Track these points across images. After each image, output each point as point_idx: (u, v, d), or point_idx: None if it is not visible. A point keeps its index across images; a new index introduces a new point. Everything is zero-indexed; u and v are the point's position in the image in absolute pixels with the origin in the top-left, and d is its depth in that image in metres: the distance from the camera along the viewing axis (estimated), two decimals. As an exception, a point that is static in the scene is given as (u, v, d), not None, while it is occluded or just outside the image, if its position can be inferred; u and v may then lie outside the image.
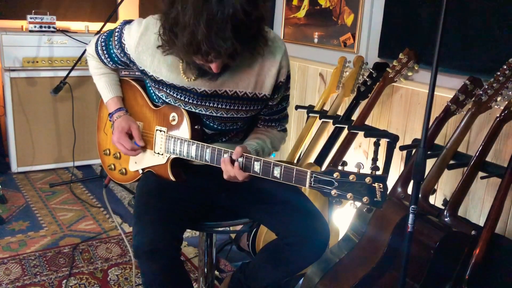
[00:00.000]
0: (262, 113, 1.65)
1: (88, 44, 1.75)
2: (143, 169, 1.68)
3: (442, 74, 2.11)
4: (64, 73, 3.25)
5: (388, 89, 2.39)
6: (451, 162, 1.87)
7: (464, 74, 1.95)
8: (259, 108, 1.60)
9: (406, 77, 2.28)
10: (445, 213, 1.74)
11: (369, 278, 1.72)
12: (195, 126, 1.56)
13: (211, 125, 1.61)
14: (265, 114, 1.65)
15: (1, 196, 3.05)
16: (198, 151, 1.51)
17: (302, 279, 1.98)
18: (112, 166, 1.80)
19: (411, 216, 1.36)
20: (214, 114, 1.56)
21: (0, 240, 2.59)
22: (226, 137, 1.67)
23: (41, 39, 3.31)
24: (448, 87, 2.10)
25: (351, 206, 1.30)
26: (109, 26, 2.05)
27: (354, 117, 2.36)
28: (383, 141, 2.29)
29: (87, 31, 3.57)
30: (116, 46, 1.61)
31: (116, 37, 1.60)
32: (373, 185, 1.23)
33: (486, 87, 1.80)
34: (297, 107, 2.73)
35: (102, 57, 1.69)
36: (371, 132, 2.26)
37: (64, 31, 3.41)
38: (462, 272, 1.60)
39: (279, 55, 1.52)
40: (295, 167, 1.33)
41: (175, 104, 1.57)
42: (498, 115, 1.75)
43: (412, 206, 1.35)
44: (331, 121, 2.43)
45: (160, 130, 1.62)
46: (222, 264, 2.47)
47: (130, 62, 1.60)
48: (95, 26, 3.64)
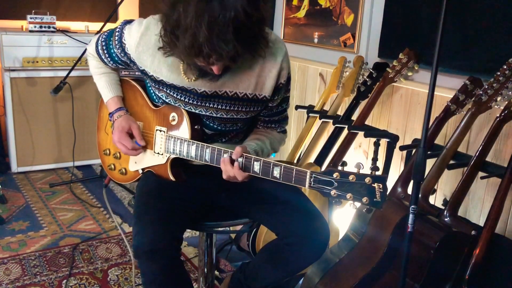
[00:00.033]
0: (262, 114, 1.65)
1: (89, 44, 1.75)
2: (143, 169, 1.69)
3: (442, 74, 2.11)
4: (64, 73, 3.25)
5: (388, 89, 2.39)
6: (451, 162, 1.87)
7: (464, 74, 1.95)
8: (259, 109, 1.60)
9: (406, 77, 2.28)
10: (445, 213, 1.74)
11: (369, 278, 1.71)
12: (195, 126, 1.56)
13: (211, 126, 1.61)
14: (265, 115, 1.65)
15: (1, 196, 3.05)
16: (198, 151, 1.51)
17: (302, 279, 1.98)
18: (112, 166, 1.80)
19: (411, 216, 1.36)
20: (214, 115, 1.56)
21: (0, 240, 2.59)
22: (226, 138, 1.67)
23: (41, 39, 3.31)
24: (448, 87, 2.10)
25: (351, 206, 1.30)
26: (109, 26, 2.04)
27: (354, 117, 2.36)
28: (383, 141, 2.29)
29: (87, 31, 3.57)
30: (117, 46, 1.61)
31: (117, 37, 1.60)
32: (373, 186, 1.23)
33: (486, 87, 1.80)
34: (297, 107, 2.72)
35: (103, 57, 1.68)
36: (371, 132, 2.26)
37: (64, 31, 3.41)
38: (462, 272, 1.60)
39: (280, 57, 1.52)
40: (295, 167, 1.33)
41: (175, 104, 1.57)
42: (498, 115, 1.75)
43: (412, 206, 1.36)
44: (331, 121, 2.43)
45: (160, 130, 1.62)
46: (222, 264, 2.47)
47: (131, 62, 1.60)
48: (95, 26, 3.64)
